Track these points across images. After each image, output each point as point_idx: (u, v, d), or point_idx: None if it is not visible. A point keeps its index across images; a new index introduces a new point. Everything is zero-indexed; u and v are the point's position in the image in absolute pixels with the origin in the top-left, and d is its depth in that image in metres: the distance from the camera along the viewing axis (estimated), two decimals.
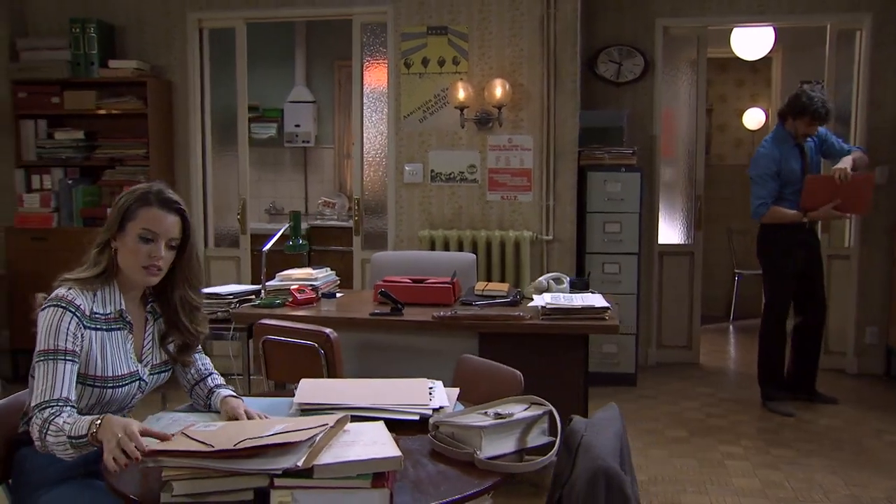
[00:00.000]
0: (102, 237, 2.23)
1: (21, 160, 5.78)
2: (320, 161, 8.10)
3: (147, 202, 2.21)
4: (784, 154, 4.99)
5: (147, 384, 2.29)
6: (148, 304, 2.34)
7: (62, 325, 2.07)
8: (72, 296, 2.13)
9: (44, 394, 2.01)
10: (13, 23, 5.89)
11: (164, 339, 2.33)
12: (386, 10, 5.59)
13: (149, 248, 2.19)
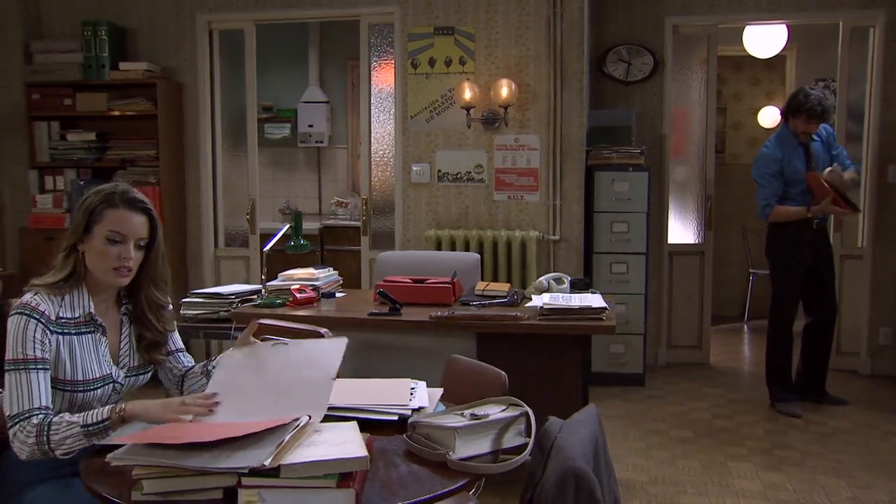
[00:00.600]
0: (68, 241, 2.23)
1: (35, 161, 5.87)
2: (334, 161, 8.15)
3: (112, 203, 2.21)
4: (787, 154, 4.94)
5: (123, 386, 2.30)
6: (123, 305, 2.35)
7: (28, 333, 2.09)
8: (36, 302, 2.14)
9: (22, 404, 2.03)
10: (28, 26, 5.98)
11: (140, 340, 2.34)
12: (393, 10, 5.61)
13: (117, 250, 2.20)
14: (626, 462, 4.31)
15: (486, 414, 2.10)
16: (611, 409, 5.18)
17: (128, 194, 2.25)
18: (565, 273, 5.16)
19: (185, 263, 6.08)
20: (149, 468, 1.73)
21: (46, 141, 5.85)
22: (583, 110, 5.43)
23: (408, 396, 2.32)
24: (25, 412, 2.02)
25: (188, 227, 6.09)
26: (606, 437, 2.22)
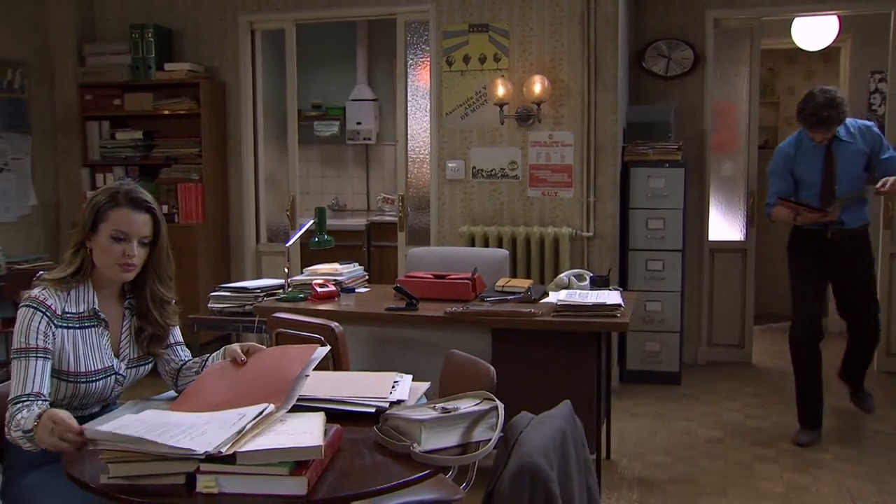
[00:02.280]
0: (76, 238, 2.34)
1: (87, 160, 6.11)
2: (382, 158, 8.23)
3: (117, 203, 2.31)
4: (801, 154, 4.52)
5: (125, 377, 2.41)
6: (126, 300, 2.45)
7: (32, 324, 2.20)
8: (44, 296, 2.26)
9: (16, 389, 2.15)
10: (82, 29, 6.22)
11: (139, 333, 2.44)
12: (428, 8, 5.66)
13: (122, 248, 2.29)
14: (649, 460, 4.27)
15: (455, 408, 2.13)
16: (642, 407, 5.14)
17: (132, 194, 2.35)
18: (598, 270, 5.16)
19: (228, 259, 6.24)
20: (114, 452, 1.82)
21: (97, 140, 6.08)
22: (617, 106, 5.39)
23: (388, 389, 2.36)
24: (15, 398, 2.14)
25: (230, 223, 6.24)
26: (636, 436, 2.23)
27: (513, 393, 3.68)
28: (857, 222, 4.53)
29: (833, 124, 4.34)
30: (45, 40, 6.14)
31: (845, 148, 4.47)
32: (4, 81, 5.80)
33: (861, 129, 4.50)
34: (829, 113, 4.30)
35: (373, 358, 3.88)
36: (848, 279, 4.62)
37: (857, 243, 4.56)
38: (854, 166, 4.46)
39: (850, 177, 4.44)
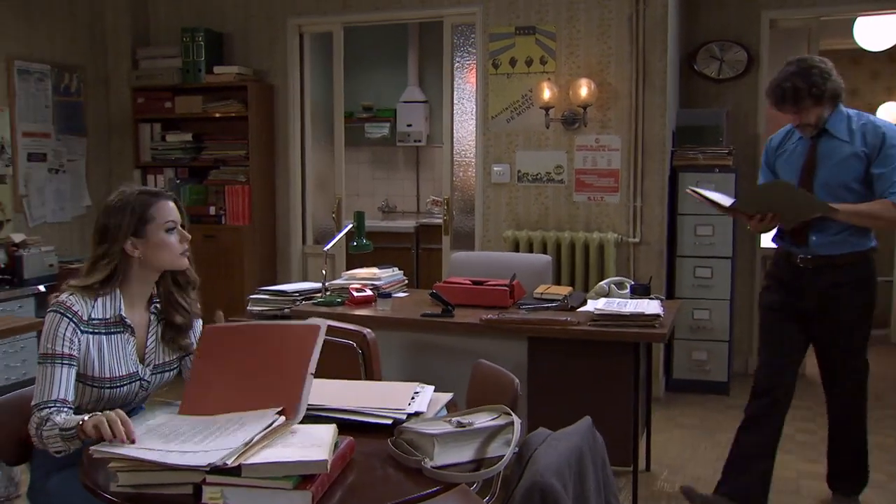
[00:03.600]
0: (112, 248, 2.33)
1: (139, 161, 6.22)
2: (431, 160, 8.22)
3: (152, 202, 2.36)
4: (785, 146, 3.58)
5: (150, 383, 2.42)
6: (152, 304, 2.47)
7: (59, 331, 2.23)
8: (70, 301, 2.28)
9: (42, 395, 2.18)
10: (136, 34, 6.35)
11: (168, 327, 2.46)
12: (475, 11, 5.62)
13: (177, 236, 2.37)
14: (691, 473, 4.17)
15: (470, 422, 2.09)
16: (687, 418, 5.02)
17: (152, 189, 2.43)
18: (644, 277, 5.07)
19: (274, 261, 6.29)
20: (122, 461, 1.82)
21: (149, 142, 6.19)
22: (666, 109, 5.28)
23: (406, 401, 2.33)
24: (41, 403, 2.17)
25: (277, 225, 6.30)
26: (679, 447, 2.17)
27: (548, 402, 3.66)
28: (838, 249, 3.42)
29: (801, 101, 3.28)
30: (101, 45, 6.28)
31: (834, 147, 3.38)
32: (61, 85, 5.94)
33: (866, 126, 3.37)
34: (793, 84, 3.28)
35: (406, 364, 3.86)
36: (822, 327, 3.56)
37: (840, 278, 3.45)
38: (841, 173, 3.36)
39: (834, 186, 3.34)
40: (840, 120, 3.39)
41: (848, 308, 3.48)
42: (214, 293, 5.79)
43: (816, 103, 3.32)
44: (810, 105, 3.32)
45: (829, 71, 3.34)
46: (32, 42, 5.73)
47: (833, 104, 3.37)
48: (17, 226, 5.60)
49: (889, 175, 3.28)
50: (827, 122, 3.38)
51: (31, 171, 5.71)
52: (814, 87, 3.28)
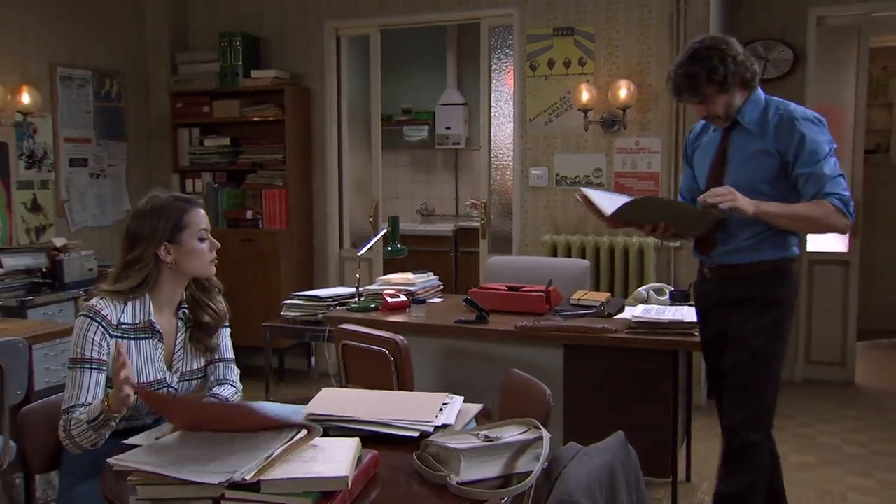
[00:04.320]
0: (144, 253, 2.34)
1: (178, 166, 6.26)
2: (470, 163, 8.16)
3: (187, 209, 2.38)
4: (702, 138, 3.15)
5: (177, 391, 2.41)
6: (180, 309, 2.46)
7: (88, 335, 2.24)
8: (100, 306, 2.29)
9: (71, 399, 2.21)
10: (176, 39, 6.39)
11: (196, 328, 2.45)
12: (512, 12, 5.55)
13: (209, 244, 2.40)
14: None
15: (498, 436, 2.03)
16: None
17: (184, 196, 2.45)
18: (685, 282, 4.95)
19: (311, 265, 6.28)
20: (141, 475, 1.80)
21: (187, 146, 6.22)
22: None
23: (434, 412, 2.27)
24: (70, 407, 2.20)
25: (314, 229, 6.29)
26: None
27: (585, 411, 3.58)
28: (743, 257, 2.95)
29: (699, 89, 2.85)
30: (141, 51, 6.33)
31: (745, 141, 2.95)
32: (102, 91, 6.00)
33: (782, 119, 2.88)
34: (686, 70, 2.86)
35: (440, 372, 3.81)
36: (727, 350, 3.04)
37: (741, 293, 2.97)
38: (749, 172, 2.91)
39: (742, 187, 2.85)
40: (754, 108, 2.93)
41: (744, 331, 2.95)
42: (251, 297, 5.81)
43: (720, 90, 2.86)
44: (713, 93, 2.87)
45: (733, 52, 2.87)
46: (74, 49, 5.80)
47: (746, 90, 2.93)
48: (59, 230, 5.66)
49: (819, 173, 2.80)
50: (739, 111, 2.93)
51: (72, 176, 5.77)
52: (713, 73, 2.83)
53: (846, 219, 2.79)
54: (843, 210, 2.78)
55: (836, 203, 2.77)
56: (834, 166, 2.83)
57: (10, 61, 5.34)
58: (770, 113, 2.91)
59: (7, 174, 5.32)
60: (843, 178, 2.84)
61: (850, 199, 2.81)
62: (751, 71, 2.92)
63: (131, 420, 2.35)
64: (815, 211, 2.80)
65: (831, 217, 2.78)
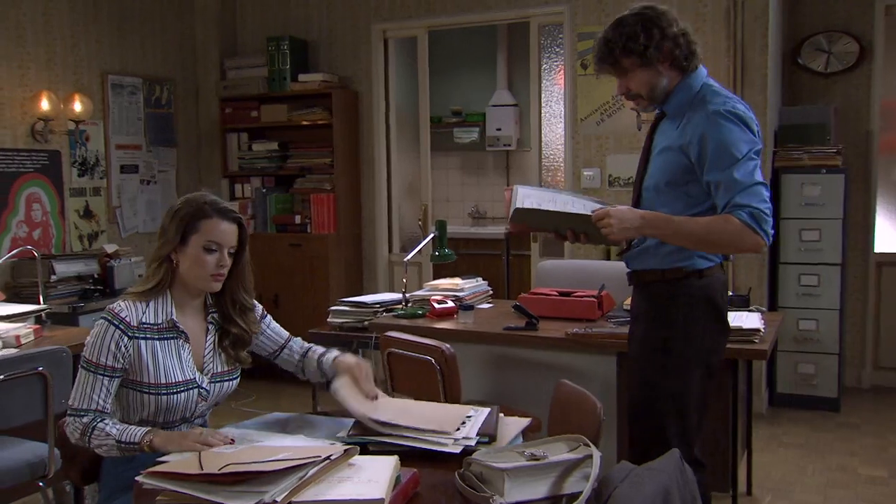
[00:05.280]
0: (162, 251, 2.30)
1: (227, 171, 6.26)
2: (522, 164, 8.03)
3: (207, 214, 2.28)
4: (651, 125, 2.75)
5: (209, 392, 2.35)
6: (209, 314, 2.41)
7: (105, 340, 2.20)
8: (119, 307, 2.25)
9: (80, 400, 2.19)
10: (225, 44, 6.39)
11: (223, 338, 2.40)
12: (562, 10, 5.42)
13: (215, 258, 2.28)
14: (798, 499, 3.87)
15: (544, 454, 1.92)
16: (793, 437, 4.69)
17: (218, 204, 2.33)
18: (743, 286, 4.79)
19: (360, 269, 6.23)
20: (171, 494, 1.73)
21: (236, 151, 6.22)
22: (767, 108, 4.96)
23: (456, 425, 2.16)
24: (81, 409, 2.19)
25: (363, 233, 6.23)
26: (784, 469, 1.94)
27: None
28: (646, 262, 2.67)
29: (611, 58, 2.55)
30: (190, 57, 6.35)
31: (664, 132, 2.63)
32: (153, 98, 6.03)
33: (697, 111, 2.50)
34: (604, 36, 2.57)
35: (488, 380, 3.71)
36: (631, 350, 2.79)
37: (641, 304, 2.74)
38: (660, 169, 2.60)
39: (651, 187, 2.63)
40: (683, 95, 2.55)
41: (636, 349, 2.71)
42: (300, 303, 5.79)
43: (643, 64, 2.52)
44: (631, 65, 2.53)
45: (663, 24, 2.50)
46: (125, 57, 5.83)
47: (678, 71, 2.55)
48: (110, 236, 5.70)
49: (730, 180, 2.39)
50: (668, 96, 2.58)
51: (123, 183, 5.81)
52: (631, 40, 2.48)
53: (758, 237, 2.36)
54: (752, 226, 2.35)
55: (744, 218, 2.35)
56: (750, 172, 2.40)
57: (62, 70, 5.39)
58: (695, 102, 2.53)
59: (60, 182, 5.37)
60: (764, 188, 2.41)
61: (765, 212, 2.37)
62: (684, 49, 2.53)
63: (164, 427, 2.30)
64: (716, 228, 2.41)
65: (737, 236, 2.37)
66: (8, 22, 5.06)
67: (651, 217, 2.50)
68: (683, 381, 2.60)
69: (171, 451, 2.07)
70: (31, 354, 3.08)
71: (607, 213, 2.47)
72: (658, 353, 2.62)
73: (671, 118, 2.59)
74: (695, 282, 2.58)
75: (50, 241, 5.29)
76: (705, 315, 2.59)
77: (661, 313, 2.62)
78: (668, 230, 2.49)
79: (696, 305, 2.58)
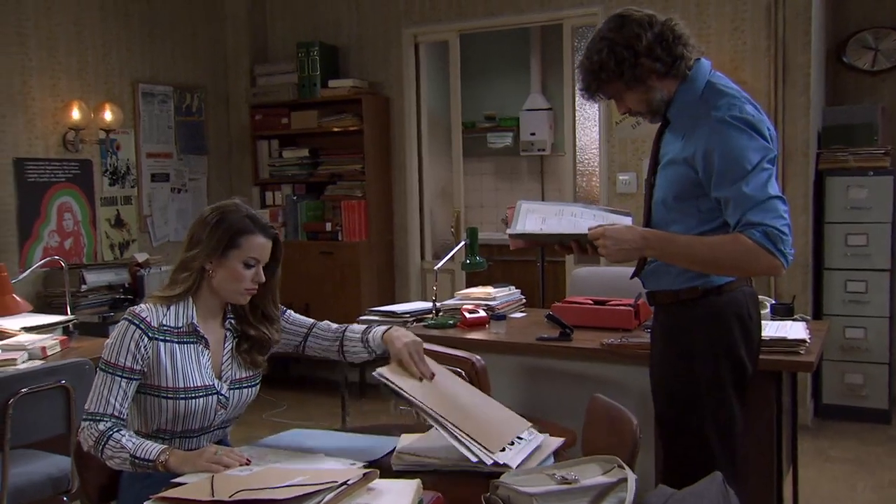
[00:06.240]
0: (196, 262, 2.25)
1: (257, 178, 6.22)
2: (557, 169, 7.90)
3: (250, 230, 2.24)
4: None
5: (227, 399, 2.28)
6: (227, 319, 2.35)
7: (125, 341, 2.16)
8: (140, 309, 2.21)
9: (97, 404, 2.13)
10: (255, 51, 6.37)
11: (242, 342, 2.34)
12: (596, 10, 5.29)
13: (252, 273, 2.24)
14: None
15: (576, 477, 1.80)
16: (841, 451, 4.51)
17: (260, 220, 2.30)
18: (786, 293, 4.62)
19: (392, 277, 6.15)
20: None
21: (267, 159, 6.18)
22: (810, 108, 4.79)
23: (502, 444, 2.04)
24: (97, 414, 2.13)
25: (394, 240, 6.15)
26: (832, 485, 1.82)
27: None
28: (659, 282, 2.45)
29: (589, 89, 2.37)
30: (221, 64, 6.34)
31: (669, 141, 2.40)
32: (183, 106, 6.02)
33: (701, 116, 2.25)
34: (581, 63, 2.39)
35: (521, 392, 3.59)
36: None
37: (665, 326, 2.49)
38: (666, 182, 2.37)
39: (664, 201, 2.39)
40: (685, 102, 2.31)
41: (657, 374, 2.51)
42: (331, 311, 5.65)
43: (628, 87, 2.31)
44: (618, 91, 2.34)
45: (630, 40, 2.24)
46: (156, 65, 5.83)
47: (671, 79, 2.31)
48: (141, 245, 5.69)
49: (740, 195, 2.15)
50: (671, 101, 2.33)
51: (154, 192, 5.80)
52: (602, 70, 2.28)
53: (774, 258, 2.12)
54: (766, 247, 2.11)
55: (756, 238, 2.11)
56: (763, 185, 2.14)
57: (93, 80, 5.39)
58: (699, 107, 2.27)
59: (92, 191, 5.37)
60: (780, 202, 2.16)
61: (782, 230, 2.12)
62: (664, 58, 2.27)
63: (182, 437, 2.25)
64: (725, 250, 2.19)
65: (750, 258, 2.14)
66: (41, 33, 5.08)
67: (653, 237, 2.31)
68: (704, 411, 2.40)
69: (184, 472, 1.99)
70: (53, 367, 3.03)
71: (603, 233, 2.30)
72: (677, 381, 2.43)
73: (674, 126, 2.37)
74: (714, 300, 2.35)
75: (81, 250, 5.28)
76: (729, 336, 2.36)
77: (679, 338, 2.41)
78: (671, 251, 2.29)
79: (718, 326, 2.36)
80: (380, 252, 6.00)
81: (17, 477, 2.97)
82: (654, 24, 2.28)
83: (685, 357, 2.39)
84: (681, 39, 2.30)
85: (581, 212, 2.57)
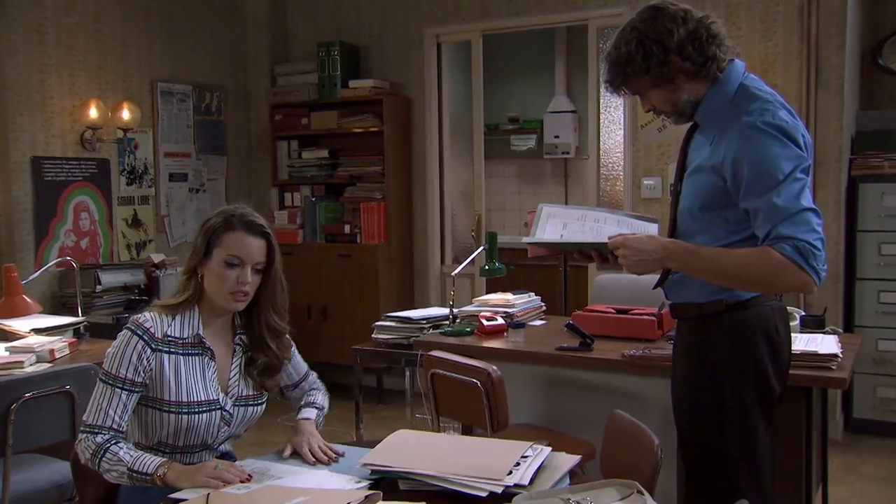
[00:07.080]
0: (190, 263, 2.19)
1: (276, 179, 6.15)
2: (581, 173, 7.76)
3: (231, 227, 2.16)
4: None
5: (232, 416, 2.20)
6: (236, 335, 2.27)
7: (126, 352, 2.09)
8: (144, 318, 2.13)
9: (97, 417, 2.06)
10: (275, 51, 6.30)
11: (251, 363, 2.25)
12: (622, 11, 5.15)
13: (235, 274, 2.14)
14: None
15: (591, 502, 1.70)
16: (872, 468, 4.35)
17: (246, 217, 2.20)
18: (816, 304, 4.47)
19: (411, 281, 6.05)
20: None
21: (286, 159, 6.11)
22: (843, 112, 4.64)
23: (507, 468, 1.93)
24: (95, 426, 2.06)
25: (414, 243, 6.05)
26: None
27: None
28: (682, 294, 2.33)
29: (614, 83, 2.25)
30: (241, 63, 6.27)
31: (697, 146, 2.29)
32: (202, 105, 5.96)
33: (731, 122, 2.13)
34: (607, 56, 2.25)
35: (538, 403, 3.49)
36: None
37: (679, 340, 2.40)
38: (692, 189, 2.25)
39: (690, 210, 2.26)
40: (715, 105, 2.19)
41: (678, 392, 2.37)
42: (349, 314, 5.63)
43: (654, 85, 2.20)
44: (643, 88, 2.22)
45: (662, 35, 2.13)
46: (175, 64, 5.77)
47: (701, 81, 2.19)
48: (158, 246, 5.64)
49: (770, 206, 2.03)
50: (699, 104, 2.22)
51: (172, 191, 5.74)
52: (629, 65, 2.17)
53: (805, 274, 1.98)
54: (798, 262, 1.97)
55: (787, 252, 1.98)
56: (795, 196, 2.02)
57: (112, 78, 5.34)
58: (730, 111, 2.15)
59: (109, 190, 5.32)
60: (814, 214, 2.02)
61: (815, 244, 1.99)
62: (695, 58, 2.15)
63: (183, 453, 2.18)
64: (752, 264, 2.05)
65: (779, 273, 2.00)
66: (60, 30, 5.03)
67: (675, 248, 2.17)
68: (728, 433, 2.26)
69: (183, 486, 1.91)
70: (58, 372, 2.97)
71: (623, 243, 2.18)
72: (700, 401, 2.29)
73: (703, 131, 2.25)
74: (739, 315, 2.22)
75: (97, 250, 5.24)
76: (755, 354, 2.22)
77: (702, 356, 2.28)
78: (694, 264, 2.15)
79: (743, 343, 2.22)
80: (399, 255, 5.91)
81: (20, 483, 2.91)
82: (689, 21, 2.16)
83: (708, 376, 2.26)
84: (715, 39, 2.17)
85: (605, 217, 2.46)
